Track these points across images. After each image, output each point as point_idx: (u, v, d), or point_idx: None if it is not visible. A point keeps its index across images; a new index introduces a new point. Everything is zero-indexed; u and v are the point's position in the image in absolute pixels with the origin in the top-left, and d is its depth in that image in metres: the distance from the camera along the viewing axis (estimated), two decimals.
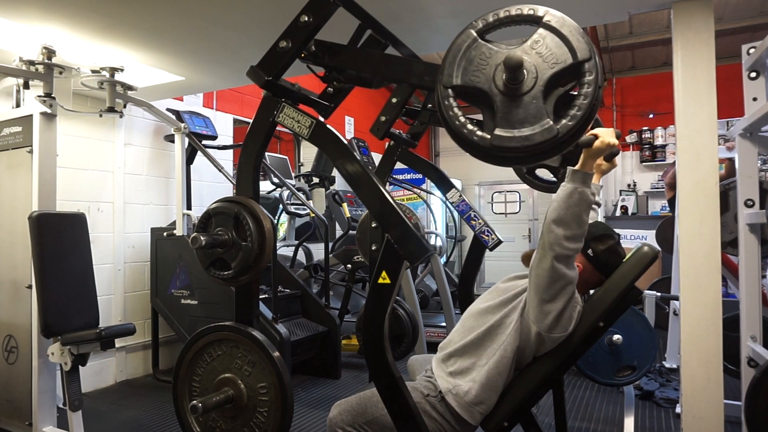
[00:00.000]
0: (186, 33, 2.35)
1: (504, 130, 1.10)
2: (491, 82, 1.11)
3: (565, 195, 1.41)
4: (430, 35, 2.38)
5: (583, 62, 1.05)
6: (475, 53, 1.13)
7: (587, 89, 1.05)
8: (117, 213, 3.53)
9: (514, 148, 1.09)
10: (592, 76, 1.05)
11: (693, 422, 1.81)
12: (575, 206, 1.39)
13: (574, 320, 1.53)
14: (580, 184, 1.40)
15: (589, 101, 1.05)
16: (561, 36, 1.07)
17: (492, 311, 1.61)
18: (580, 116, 1.06)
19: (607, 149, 1.44)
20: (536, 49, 1.08)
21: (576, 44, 1.05)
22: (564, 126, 1.06)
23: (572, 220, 1.40)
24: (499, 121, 1.11)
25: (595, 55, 1.06)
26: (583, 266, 1.65)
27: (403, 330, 3.35)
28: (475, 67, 1.13)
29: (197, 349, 1.63)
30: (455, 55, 1.15)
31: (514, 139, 1.09)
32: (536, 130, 1.07)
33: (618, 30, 6.20)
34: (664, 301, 3.58)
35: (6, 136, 2.52)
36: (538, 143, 1.07)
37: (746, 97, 2.10)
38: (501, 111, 1.11)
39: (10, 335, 2.51)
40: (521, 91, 1.08)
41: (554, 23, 1.07)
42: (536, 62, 1.08)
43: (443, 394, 1.54)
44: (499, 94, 1.11)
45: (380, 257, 1.36)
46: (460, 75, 1.14)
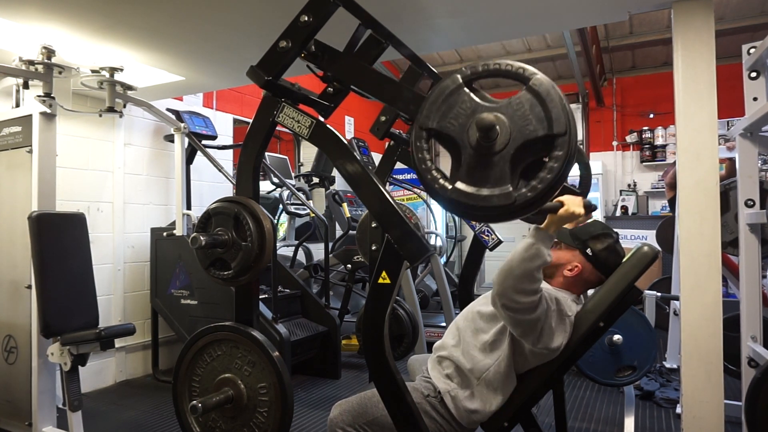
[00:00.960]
0: (186, 33, 2.35)
1: (465, 185, 1.09)
2: (465, 133, 1.10)
3: (522, 248, 1.41)
4: (430, 35, 2.38)
5: (557, 136, 1.03)
6: (456, 101, 1.11)
7: (554, 164, 1.03)
8: (117, 213, 3.53)
9: (470, 206, 1.09)
10: (561, 152, 1.03)
11: (693, 422, 1.81)
12: (529, 260, 1.39)
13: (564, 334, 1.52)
14: (539, 242, 1.40)
15: (552, 177, 1.03)
16: (542, 104, 1.04)
17: (486, 320, 1.61)
18: (540, 189, 1.04)
19: (571, 219, 1.44)
20: (516, 110, 1.06)
21: (555, 115, 1.03)
22: (522, 195, 1.05)
23: (523, 275, 1.39)
24: (463, 175, 1.10)
25: (571, 130, 1.03)
26: (582, 266, 1.65)
27: (403, 330, 3.35)
28: (453, 114, 1.11)
29: (197, 350, 1.62)
30: (437, 98, 1.13)
31: (471, 196, 1.08)
32: (495, 192, 1.07)
33: (618, 30, 6.20)
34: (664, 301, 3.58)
35: (6, 136, 2.52)
36: (494, 206, 1.07)
37: (746, 97, 2.10)
38: (466, 165, 1.10)
39: (9, 335, 2.51)
40: (491, 150, 1.07)
41: (539, 89, 1.04)
42: (512, 125, 1.06)
43: (442, 395, 1.55)
44: (469, 147, 1.09)
45: (380, 257, 1.35)
46: (437, 119, 1.13)
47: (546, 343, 1.48)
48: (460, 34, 2.42)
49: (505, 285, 1.40)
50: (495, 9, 2.09)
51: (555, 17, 2.22)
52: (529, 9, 2.09)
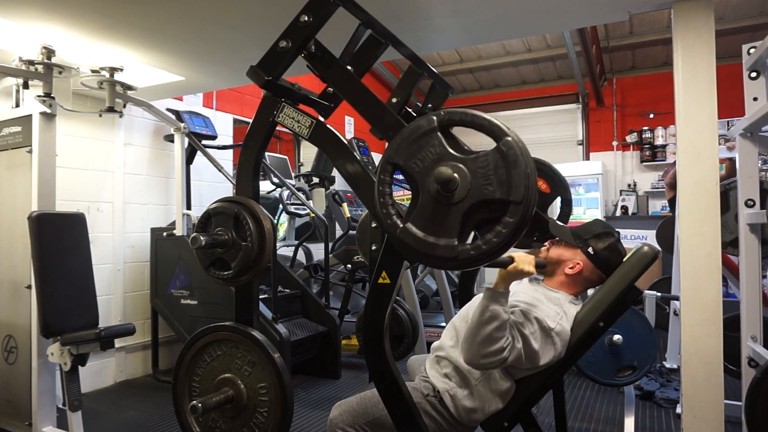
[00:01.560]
0: (186, 33, 2.35)
1: (415, 228, 1.11)
2: (427, 177, 1.11)
3: (478, 313, 1.41)
4: (430, 35, 2.38)
5: (512, 203, 1.03)
6: (426, 143, 1.12)
7: (502, 229, 1.04)
8: (117, 213, 3.53)
9: (414, 249, 1.11)
10: (512, 220, 1.03)
11: (693, 422, 1.81)
12: (486, 324, 1.38)
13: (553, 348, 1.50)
14: (492, 303, 1.40)
15: (498, 241, 1.05)
16: (507, 167, 1.04)
17: None
18: (484, 250, 1.06)
19: (520, 276, 1.45)
20: (480, 166, 1.06)
21: (515, 183, 1.03)
22: (465, 252, 1.07)
23: (485, 340, 1.39)
24: (415, 217, 1.11)
25: (529, 199, 1.03)
26: (583, 264, 1.65)
27: (403, 330, 3.35)
28: (420, 156, 1.12)
29: (197, 350, 1.62)
30: (410, 135, 1.14)
31: (418, 240, 1.10)
32: (440, 242, 1.08)
33: (618, 30, 6.20)
34: (664, 301, 3.58)
35: (5, 136, 2.52)
36: (436, 256, 1.09)
37: (746, 97, 2.10)
38: (421, 208, 1.11)
39: (9, 335, 2.51)
40: (448, 201, 1.08)
41: (507, 152, 1.04)
42: (473, 180, 1.06)
43: (441, 394, 1.55)
44: (427, 193, 1.11)
45: (380, 257, 1.35)
46: (404, 157, 1.14)
47: (534, 364, 1.48)
48: (460, 34, 2.42)
49: (471, 352, 1.41)
50: (495, 9, 2.09)
51: (555, 17, 2.22)
52: (529, 9, 2.09)
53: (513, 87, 7.68)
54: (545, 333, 1.49)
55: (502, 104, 7.62)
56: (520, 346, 1.45)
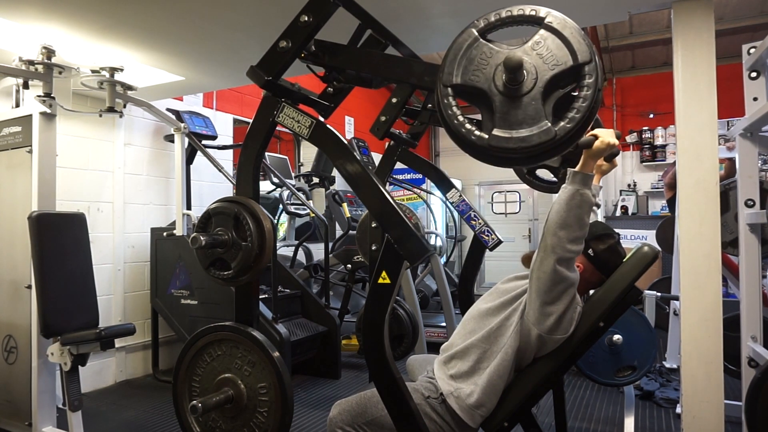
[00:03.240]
0: (186, 33, 2.35)
1: (502, 131, 1.09)
2: (491, 81, 1.11)
3: (567, 197, 1.40)
4: (430, 35, 2.38)
5: (584, 65, 1.05)
6: (476, 53, 1.13)
7: (586, 92, 1.05)
8: (117, 213, 3.53)
9: (511, 149, 1.09)
10: (591, 79, 1.05)
11: (693, 422, 1.81)
12: (576, 208, 1.39)
13: (574, 321, 1.53)
14: (581, 186, 1.40)
15: (588, 104, 1.05)
16: (562, 38, 1.06)
17: (492, 313, 1.61)
18: (579, 119, 1.05)
19: (608, 150, 1.44)
20: (537, 50, 1.08)
21: (577, 46, 1.05)
22: (562, 128, 1.06)
23: (574, 222, 1.40)
24: (498, 122, 1.10)
25: (596, 57, 1.05)
26: (583, 266, 1.65)
27: (403, 330, 3.35)
28: (476, 66, 1.12)
29: (197, 350, 1.62)
30: (456, 54, 1.14)
31: (511, 140, 1.09)
32: (534, 131, 1.07)
33: (618, 30, 6.20)
34: (664, 301, 3.58)
35: (6, 136, 2.52)
36: (536, 145, 1.07)
37: (746, 97, 2.10)
38: (500, 111, 1.10)
39: (9, 335, 2.51)
40: (520, 92, 1.08)
41: (555, 24, 1.07)
42: (536, 63, 1.07)
43: (444, 396, 1.54)
44: (499, 94, 1.10)
45: (380, 257, 1.35)
46: (460, 74, 1.13)
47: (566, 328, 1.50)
48: None
49: (559, 236, 1.40)
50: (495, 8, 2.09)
51: None
52: None
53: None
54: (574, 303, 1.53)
55: None
56: None
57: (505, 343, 1.53)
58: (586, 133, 1.28)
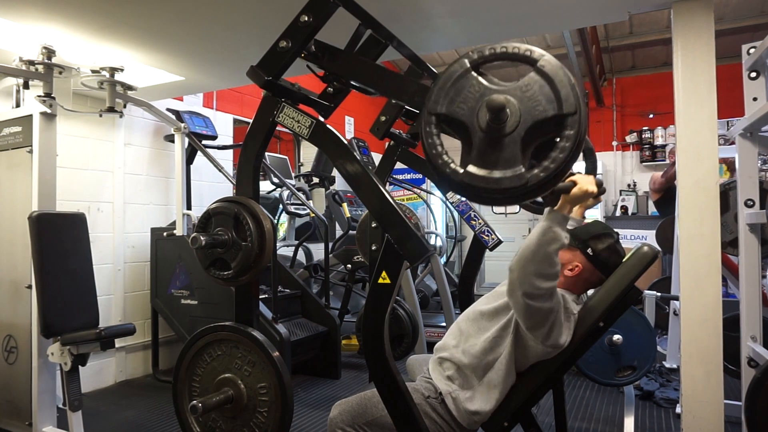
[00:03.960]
0: (186, 33, 2.35)
1: (477, 168, 1.09)
2: (474, 117, 1.10)
3: (539, 233, 1.39)
4: (430, 35, 2.38)
5: (567, 116, 1.03)
6: (465, 84, 1.11)
7: (565, 143, 1.03)
8: (117, 213, 3.53)
9: (482, 189, 1.09)
10: (572, 131, 1.03)
11: (693, 422, 1.81)
12: (547, 245, 1.37)
13: (569, 331, 1.52)
14: (556, 225, 1.39)
15: (564, 156, 1.04)
16: (551, 84, 1.04)
17: (488, 318, 1.60)
18: (553, 169, 1.04)
19: (585, 197, 1.43)
20: (525, 92, 1.06)
21: (564, 95, 1.03)
22: (534, 176, 1.05)
23: (543, 259, 1.38)
24: (474, 159, 1.10)
25: (582, 109, 1.03)
26: (582, 266, 1.65)
27: (403, 330, 3.35)
28: (462, 98, 1.11)
29: (197, 350, 1.62)
30: (445, 83, 1.13)
31: (484, 179, 1.08)
32: (507, 174, 1.07)
33: (618, 30, 6.19)
34: (664, 301, 3.58)
35: (6, 136, 2.52)
36: (506, 188, 1.07)
37: (746, 97, 2.10)
38: (478, 148, 1.10)
39: (10, 335, 2.51)
40: (501, 132, 1.07)
41: (547, 70, 1.05)
42: (522, 106, 1.06)
43: (443, 396, 1.55)
44: (480, 131, 1.09)
45: (380, 257, 1.36)
46: (446, 104, 1.12)
47: (555, 339, 1.47)
48: (460, 34, 2.42)
49: (525, 271, 1.38)
50: (495, 9, 2.09)
51: (555, 17, 2.22)
52: (529, 9, 2.09)
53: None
54: (567, 313, 1.52)
55: None
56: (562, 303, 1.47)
57: (502, 354, 1.54)
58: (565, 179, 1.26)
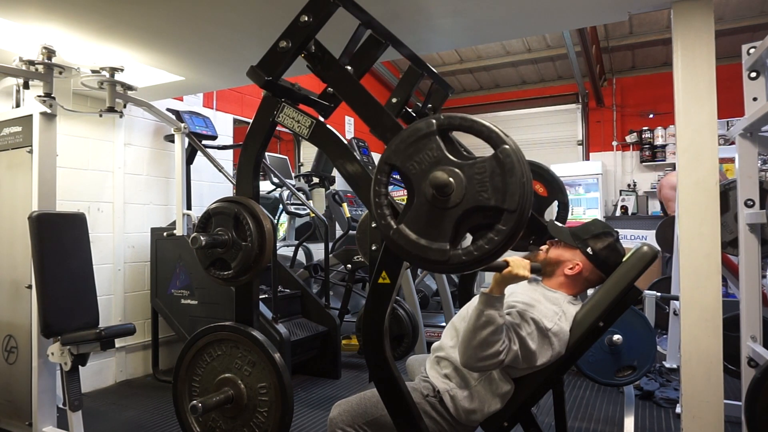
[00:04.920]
0: (186, 33, 2.35)
1: (408, 230, 1.11)
2: (423, 180, 1.11)
3: (474, 318, 1.41)
4: (430, 35, 2.38)
5: (506, 211, 1.03)
6: (424, 146, 1.12)
7: (494, 236, 1.05)
8: (117, 213, 3.53)
9: (406, 251, 1.11)
10: (505, 228, 1.03)
11: (693, 422, 1.81)
12: (482, 329, 1.38)
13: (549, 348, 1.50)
14: (488, 308, 1.39)
15: (490, 248, 1.05)
16: (503, 175, 1.04)
17: None
18: (475, 256, 1.06)
19: (515, 280, 1.44)
20: (476, 173, 1.07)
21: (511, 191, 1.03)
22: (456, 256, 1.07)
23: (480, 344, 1.38)
24: (409, 219, 1.12)
25: (524, 209, 1.03)
26: (582, 264, 1.65)
27: (403, 330, 3.35)
28: (418, 159, 1.12)
29: (197, 349, 1.63)
30: (409, 137, 1.14)
31: (410, 242, 1.11)
32: (432, 246, 1.09)
33: (618, 30, 6.20)
34: (664, 301, 3.58)
35: (6, 136, 2.52)
36: (428, 259, 1.09)
37: (746, 97, 2.10)
38: (415, 211, 1.12)
39: (10, 335, 2.51)
40: (441, 205, 1.08)
41: (504, 160, 1.04)
42: (468, 186, 1.07)
43: (441, 394, 1.55)
44: (423, 195, 1.11)
45: (380, 257, 1.36)
46: (401, 158, 1.14)
47: (531, 364, 1.48)
48: (460, 34, 2.42)
49: (467, 356, 1.41)
50: (495, 9, 2.09)
51: (555, 17, 2.22)
52: (529, 9, 2.09)
53: (513, 87, 7.68)
54: (542, 333, 1.49)
55: (501, 104, 7.62)
56: (516, 348, 1.45)
57: None
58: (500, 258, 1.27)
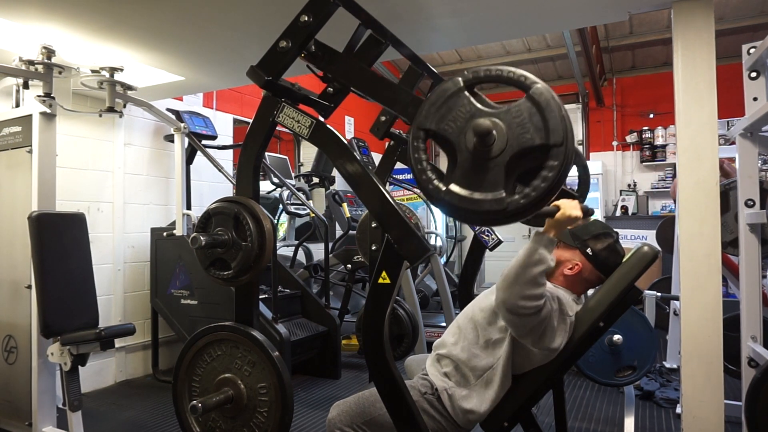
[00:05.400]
0: (186, 33, 2.35)
1: (458, 188, 1.09)
2: (462, 137, 1.10)
3: (525, 255, 1.41)
4: (430, 35, 2.38)
5: (553, 146, 1.03)
6: (456, 103, 1.11)
7: (547, 173, 1.03)
8: (117, 213, 3.53)
9: (462, 209, 1.10)
10: (556, 162, 1.03)
11: (693, 422, 1.81)
12: (533, 267, 1.39)
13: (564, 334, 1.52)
14: (541, 247, 1.40)
15: (545, 186, 1.03)
16: (541, 113, 1.04)
17: (486, 318, 1.60)
18: (533, 197, 1.04)
19: (569, 222, 1.44)
20: (514, 118, 1.06)
21: (552, 126, 1.03)
22: (514, 202, 1.05)
23: (528, 281, 1.39)
24: (457, 177, 1.10)
25: (569, 140, 1.03)
26: (582, 265, 1.65)
27: (403, 330, 3.35)
28: (452, 117, 1.11)
29: (197, 350, 1.62)
30: (437, 99, 1.13)
31: (464, 199, 1.09)
32: (487, 197, 1.07)
33: (618, 30, 6.20)
34: (664, 301, 3.58)
35: (6, 136, 2.52)
36: (485, 211, 1.07)
37: (746, 97, 2.10)
38: (462, 168, 1.10)
39: (9, 335, 2.51)
40: (487, 155, 1.07)
41: (539, 98, 1.04)
42: (509, 132, 1.06)
43: (439, 392, 1.55)
44: (466, 151, 1.09)
45: (380, 257, 1.35)
46: (435, 120, 1.13)
47: (547, 344, 1.48)
48: (460, 34, 2.42)
49: (510, 292, 1.40)
50: (495, 9, 2.09)
51: (555, 17, 2.22)
52: (529, 9, 2.09)
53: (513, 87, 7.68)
54: (563, 315, 1.51)
55: None
56: (556, 307, 1.46)
57: (500, 356, 1.54)
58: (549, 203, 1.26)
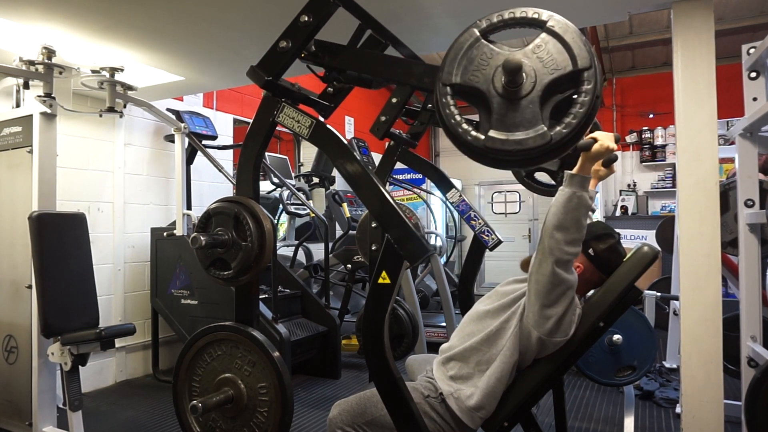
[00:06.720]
0: (186, 33, 2.35)
1: (498, 133, 1.09)
2: (490, 83, 1.11)
3: (564, 199, 1.41)
4: (430, 35, 2.38)
5: (583, 70, 1.04)
6: (476, 53, 1.13)
7: (584, 98, 1.05)
8: (117, 213, 3.53)
9: (507, 151, 1.09)
10: (590, 85, 1.04)
11: (693, 422, 1.81)
12: (574, 210, 1.40)
13: (574, 324, 1.53)
14: (578, 188, 1.40)
15: (585, 110, 1.05)
16: (563, 42, 1.06)
17: (491, 316, 1.61)
18: (575, 125, 1.05)
19: (606, 153, 1.44)
20: (537, 53, 1.08)
21: (577, 51, 1.05)
22: (558, 133, 1.06)
23: (572, 225, 1.40)
24: (495, 123, 1.10)
25: (596, 62, 1.05)
26: (583, 266, 1.65)
27: (403, 330, 3.35)
28: (475, 66, 1.12)
29: (197, 349, 1.62)
30: (456, 54, 1.14)
31: (507, 142, 1.09)
32: (530, 134, 1.07)
33: (618, 30, 6.20)
34: (664, 301, 3.58)
35: (6, 136, 2.52)
36: (531, 148, 1.07)
37: (746, 97, 2.10)
38: (497, 113, 1.10)
39: (10, 335, 2.51)
40: (519, 94, 1.08)
41: (557, 29, 1.07)
42: (536, 67, 1.07)
43: (444, 396, 1.54)
44: (497, 95, 1.10)
45: (380, 257, 1.35)
46: (459, 74, 1.13)
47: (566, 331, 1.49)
48: None
49: (556, 238, 1.41)
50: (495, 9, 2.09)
51: None
52: None
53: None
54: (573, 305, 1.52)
55: None
56: None
57: (504, 346, 1.53)
58: (584, 136, 1.28)
